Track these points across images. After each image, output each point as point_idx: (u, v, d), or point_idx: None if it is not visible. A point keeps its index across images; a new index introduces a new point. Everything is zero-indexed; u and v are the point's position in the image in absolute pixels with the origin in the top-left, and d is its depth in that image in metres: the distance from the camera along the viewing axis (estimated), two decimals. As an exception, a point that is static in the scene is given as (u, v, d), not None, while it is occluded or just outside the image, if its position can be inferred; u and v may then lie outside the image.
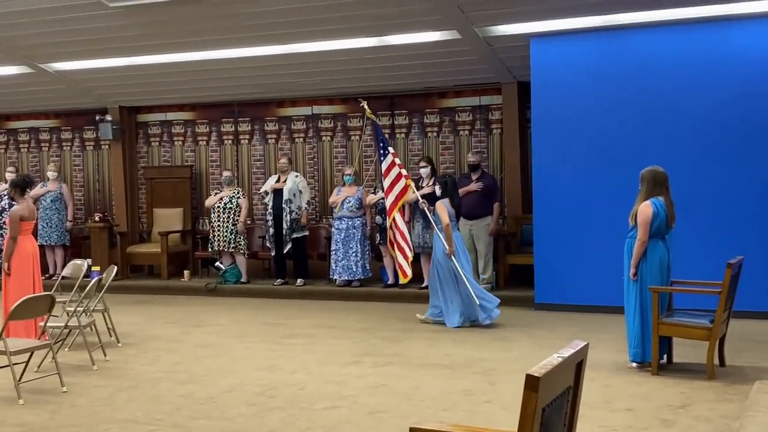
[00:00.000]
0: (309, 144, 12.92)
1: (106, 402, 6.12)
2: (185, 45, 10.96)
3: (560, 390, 2.56)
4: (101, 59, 11.65)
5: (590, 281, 9.71)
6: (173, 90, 12.78)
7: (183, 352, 8.03)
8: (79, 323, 7.51)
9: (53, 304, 6.61)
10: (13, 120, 14.69)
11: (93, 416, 5.73)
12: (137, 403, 6.07)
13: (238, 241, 12.09)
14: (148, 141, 13.92)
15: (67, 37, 10.90)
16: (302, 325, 9.40)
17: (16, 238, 8.37)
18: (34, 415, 5.81)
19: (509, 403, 5.75)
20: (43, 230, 12.85)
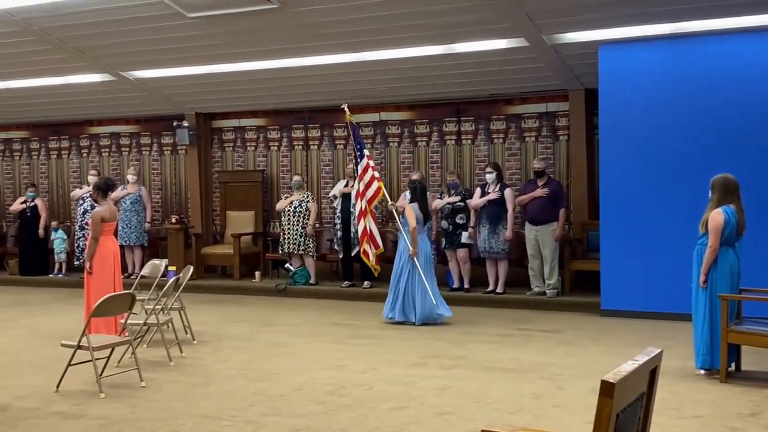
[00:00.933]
0: (376, 150, 12.96)
1: (182, 397, 6.24)
2: (260, 54, 11.11)
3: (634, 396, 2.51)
4: (179, 67, 11.89)
5: (657, 288, 9.52)
6: (247, 97, 12.97)
7: (255, 350, 8.13)
8: (158, 321, 7.66)
9: (134, 302, 6.76)
10: (95, 125, 15.08)
11: (170, 411, 5.84)
12: (212, 399, 6.17)
13: (307, 243, 12.19)
14: (222, 146, 14.15)
15: (148, 47, 11.15)
16: (369, 326, 9.43)
17: (98, 239, 8.59)
18: (114, 408, 5.94)
19: (577, 407, 5.67)
20: (123, 231, 13.15)
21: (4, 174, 15.88)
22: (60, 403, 6.14)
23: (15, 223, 15.22)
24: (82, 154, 15.23)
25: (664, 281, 9.39)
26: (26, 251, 14.26)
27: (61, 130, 15.37)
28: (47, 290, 13.29)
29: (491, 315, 10.11)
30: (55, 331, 9.27)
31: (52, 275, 14.07)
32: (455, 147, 12.47)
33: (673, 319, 9.09)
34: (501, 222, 10.86)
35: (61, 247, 14.06)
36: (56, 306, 11.56)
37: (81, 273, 12.31)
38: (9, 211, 15.10)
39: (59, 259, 14.10)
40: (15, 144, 15.85)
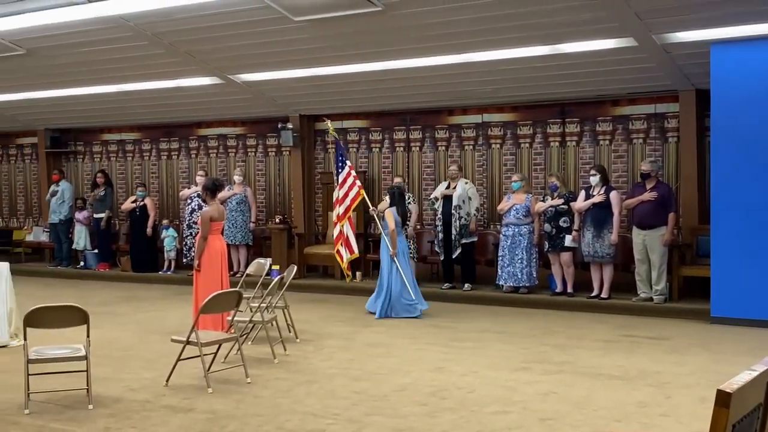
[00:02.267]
0: (478, 151, 12.92)
1: (286, 394, 6.38)
2: (363, 56, 11.23)
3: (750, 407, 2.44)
4: (284, 70, 12.14)
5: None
6: (350, 99, 13.12)
7: (356, 349, 8.22)
8: (262, 319, 7.85)
9: (240, 300, 6.95)
10: (203, 127, 15.56)
11: (275, 407, 5.98)
12: (315, 396, 6.28)
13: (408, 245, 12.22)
14: (325, 148, 14.36)
15: (254, 50, 11.44)
16: (470, 329, 9.40)
17: (207, 238, 8.86)
18: (221, 403, 6.13)
19: (686, 417, 5.51)
20: (229, 230, 13.51)
21: (118, 174, 16.55)
22: (170, 396, 6.38)
23: (126, 221, 15.85)
24: (190, 155, 15.74)
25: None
26: (136, 249, 14.82)
27: (172, 132, 15.92)
28: (156, 287, 13.79)
29: (595, 320, 9.93)
30: (164, 327, 9.61)
31: (162, 272, 14.57)
32: (559, 149, 12.30)
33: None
34: (606, 225, 10.65)
35: (170, 245, 14.55)
36: (165, 302, 11.98)
37: (189, 270, 12.74)
38: (121, 210, 15.74)
39: (168, 257, 14.60)
40: (128, 145, 16.51)
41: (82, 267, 15.51)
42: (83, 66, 12.79)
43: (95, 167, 16.68)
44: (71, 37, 11.54)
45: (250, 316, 7.92)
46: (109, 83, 13.58)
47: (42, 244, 16.97)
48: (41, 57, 12.56)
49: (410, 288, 10.31)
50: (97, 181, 15.48)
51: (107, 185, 15.49)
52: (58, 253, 15.95)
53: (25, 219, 17.97)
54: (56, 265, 15.85)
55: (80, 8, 10.43)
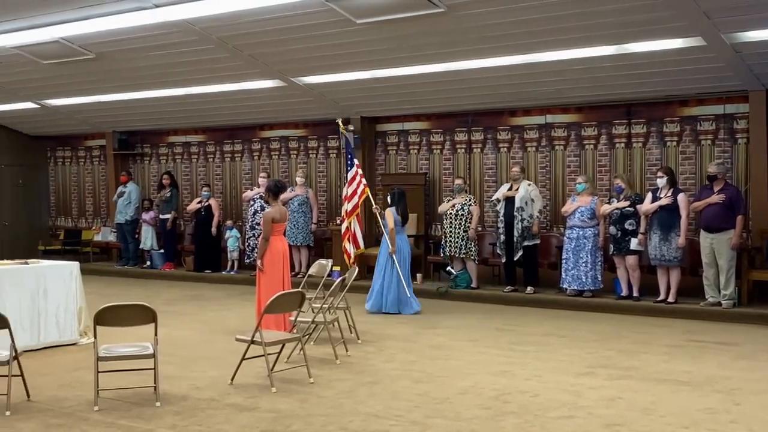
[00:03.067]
0: (541, 153, 12.79)
1: (349, 395, 6.40)
2: (425, 57, 11.22)
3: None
4: (346, 73, 12.20)
5: None
6: (411, 100, 13.12)
7: (418, 351, 8.21)
8: (325, 319, 7.89)
9: (303, 301, 7.00)
10: (266, 129, 15.73)
11: (338, 408, 6.01)
12: (377, 398, 6.29)
13: (469, 247, 12.19)
14: (385, 149, 14.39)
15: (317, 53, 11.52)
16: (533, 332, 9.31)
17: (269, 239, 8.95)
18: (285, 403, 6.18)
19: (757, 425, 5.37)
20: (291, 231, 13.62)
21: (183, 175, 16.85)
22: (234, 395, 6.46)
23: (191, 222, 16.12)
24: (253, 157, 15.92)
25: None
26: (201, 249, 15.06)
27: (235, 134, 16.13)
28: (220, 286, 13.98)
29: (662, 325, 9.74)
30: (228, 326, 9.74)
31: (225, 272, 14.78)
32: (625, 150, 12.10)
33: None
34: (673, 228, 10.44)
35: (234, 245, 14.75)
36: (229, 302, 12.14)
37: (252, 271, 12.93)
38: (186, 211, 16.01)
39: (231, 257, 14.79)
40: (193, 147, 16.78)
41: (148, 266, 15.82)
42: (150, 70, 13.05)
43: (161, 169, 17.00)
44: (138, 41, 11.79)
45: (313, 317, 7.96)
46: (175, 86, 13.84)
47: (109, 244, 17.38)
48: (110, 61, 12.85)
49: (406, 286, 10.71)
50: (163, 183, 15.78)
51: (173, 186, 15.76)
52: (125, 253, 16.30)
53: (93, 219, 18.42)
54: (123, 264, 16.20)
55: (147, 13, 10.64)
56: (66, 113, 16.48)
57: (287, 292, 7.32)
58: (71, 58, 12.69)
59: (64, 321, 8.57)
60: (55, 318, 8.50)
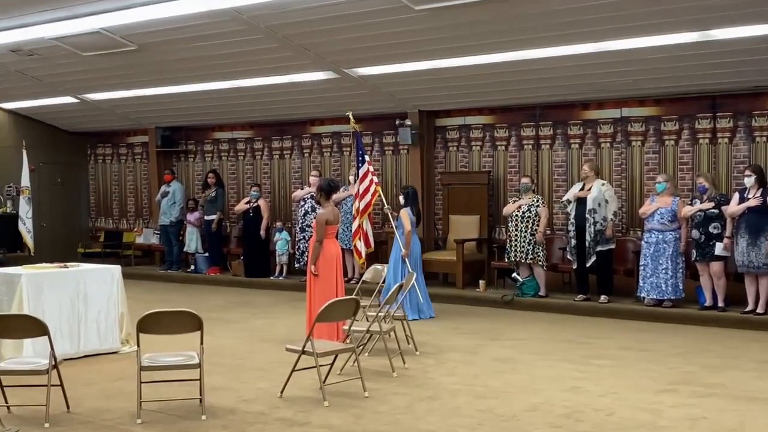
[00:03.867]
0: (616, 149, 12.62)
1: (406, 411, 6.39)
2: (488, 46, 11.16)
3: None
4: (403, 63, 12.20)
5: None
6: (473, 93, 13.06)
7: (481, 364, 8.19)
8: (380, 329, 7.90)
9: (358, 309, 7.03)
10: (317, 125, 15.82)
11: (395, 424, 6.01)
12: (437, 414, 6.28)
13: (537, 252, 12.09)
14: (446, 145, 14.36)
15: (372, 42, 11.54)
16: (608, 345, 9.20)
17: (322, 242, 9.00)
18: (338, 417, 6.21)
19: None
20: (344, 234, 13.65)
21: (229, 173, 17.04)
22: (284, 408, 6.51)
23: (238, 223, 16.29)
24: (303, 154, 16.03)
25: None
26: (248, 252, 15.19)
27: (284, 130, 16.26)
28: (268, 292, 14.09)
29: (751, 338, 9.54)
30: (277, 335, 9.83)
31: (273, 277, 14.90)
32: (709, 146, 11.88)
33: None
34: (763, 232, 10.20)
35: (283, 248, 14.86)
36: (277, 309, 12.24)
37: (302, 276, 13.00)
38: (233, 211, 16.18)
39: (281, 261, 14.91)
40: (239, 143, 16.97)
41: (192, 271, 16.05)
42: (195, 62, 13.24)
43: (206, 167, 17.23)
44: (183, 31, 11.97)
45: (368, 326, 7.98)
46: (221, 79, 14.01)
47: (152, 246, 17.66)
48: (153, 52, 13.07)
49: (419, 291, 10.75)
50: (209, 182, 15.98)
51: (218, 186, 15.96)
52: (168, 256, 16.55)
53: (135, 221, 18.74)
54: (166, 268, 16.45)
55: (192, 1, 10.80)
56: (107, 108, 16.81)
57: (340, 299, 7.35)
58: (112, 49, 12.93)
59: (105, 328, 8.73)
60: (96, 325, 8.67)
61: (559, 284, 12.71)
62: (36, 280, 8.30)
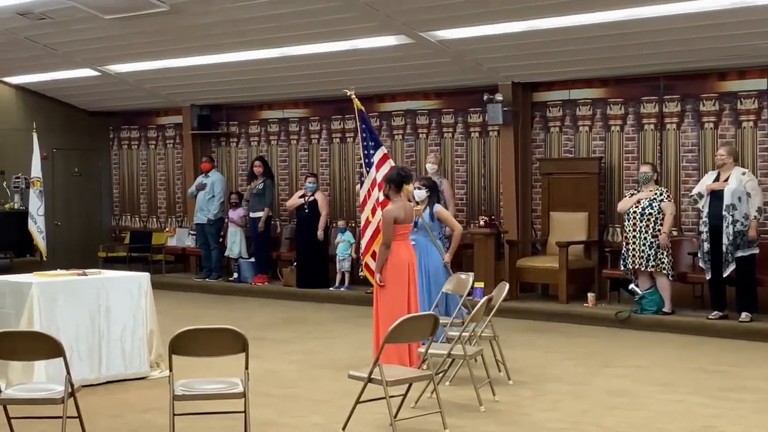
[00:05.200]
0: (762, 129, 12.40)
1: (497, 453, 6.38)
2: (600, 2, 11.06)
3: None
4: (493, 24, 12.14)
5: None
6: (579, 60, 12.95)
7: (590, 398, 8.14)
8: (464, 352, 7.88)
9: (436, 327, 7.02)
10: (386, 101, 15.84)
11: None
12: (536, 458, 6.25)
13: (660, 258, 11.95)
14: (546, 126, 14.26)
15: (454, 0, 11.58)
16: (751, 375, 9.08)
17: (390, 244, 9.02)
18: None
19: None
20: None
21: (279, 161, 17.18)
22: (347, 448, 6.56)
23: (290, 222, 16.41)
24: (369, 138, 16.06)
25: None
26: (303, 258, 15.26)
27: (346, 108, 16.21)
28: (327, 307, 14.18)
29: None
30: (336, 359, 9.90)
31: (333, 288, 14.98)
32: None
33: None
34: None
35: (345, 252, 14.88)
36: (338, 327, 12.30)
37: (368, 286, 13.03)
38: (284, 208, 16.27)
39: (342, 268, 14.95)
40: (292, 125, 17.10)
41: (235, 280, 16.23)
42: (238, 25, 13.39)
43: (252, 153, 17.41)
44: (225, -12, 12.16)
45: (449, 349, 7.97)
46: (270, 46, 14.15)
47: (186, 250, 17.90)
48: (188, 15, 13.25)
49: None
50: (255, 171, 16.09)
51: (266, 176, 16.08)
52: (206, 262, 16.75)
53: (166, 219, 19.02)
54: (203, 276, 16.66)
55: (236, -48, 10.94)
56: (133, 83, 17.10)
57: (414, 316, 7.36)
58: (140, 11, 13.13)
59: (130, 349, 8.89)
60: (120, 344, 8.83)
61: (689, 298, 12.54)
62: (49, 291, 8.48)
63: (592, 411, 7.64)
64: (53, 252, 16.82)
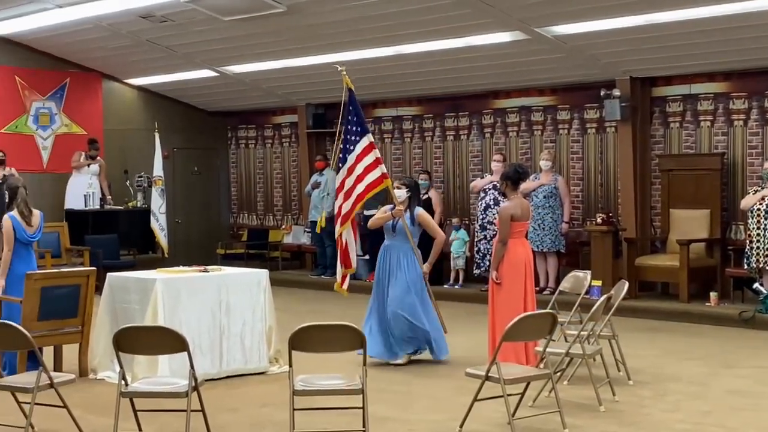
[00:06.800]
0: None
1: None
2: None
3: None
4: (611, 18, 11.99)
5: None
6: (701, 54, 12.73)
7: (712, 399, 8.03)
8: (583, 351, 7.82)
9: (554, 325, 6.97)
10: (501, 98, 15.77)
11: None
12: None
13: (786, 256, 11.68)
14: (665, 121, 14.02)
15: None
16: None
17: (507, 242, 9.02)
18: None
19: None
20: (534, 233, 13.58)
21: (393, 159, 17.25)
22: (465, 446, 6.56)
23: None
24: (484, 135, 16.03)
25: None
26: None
27: (459, 105, 16.30)
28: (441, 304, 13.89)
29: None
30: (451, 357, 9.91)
31: (447, 286, 14.99)
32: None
33: None
34: None
35: (459, 250, 14.91)
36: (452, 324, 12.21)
37: (483, 284, 13.01)
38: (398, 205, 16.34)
39: (456, 266, 14.98)
40: (405, 122, 17.16)
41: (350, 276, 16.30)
42: (353, 24, 13.52)
43: (366, 151, 17.50)
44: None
45: (567, 348, 7.92)
46: (384, 45, 14.26)
47: (302, 247, 18.14)
48: (304, 15, 13.43)
49: (424, 321, 9.65)
50: (369, 169, 16.22)
51: (380, 174, 16.17)
52: (321, 259, 16.93)
53: (282, 216, 19.28)
54: (319, 273, 16.84)
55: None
56: (250, 83, 17.40)
57: (533, 314, 7.34)
58: (257, 12, 13.37)
59: (250, 344, 9.05)
60: (240, 339, 9.00)
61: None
62: (172, 287, 8.72)
63: (715, 412, 7.52)
64: (174, 249, 17.21)
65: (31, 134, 17.43)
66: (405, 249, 9.66)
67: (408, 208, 9.73)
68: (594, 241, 13.52)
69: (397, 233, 9.64)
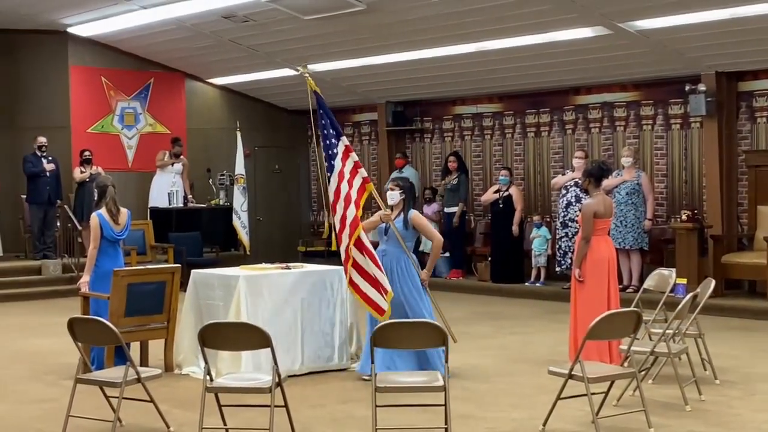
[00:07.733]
0: None
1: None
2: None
3: None
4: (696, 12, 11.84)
5: None
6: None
7: (802, 400, 7.84)
8: (669, 350, 7.72)
9: (639, 324, 6.88)
10: (582, 94, 15.63)
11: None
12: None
13: None
14: (752, 117, 13.77)
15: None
16: None
17: (590, 239, 8.95)
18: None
19: None
20: (617, 230, 13.41)
21: (473, 156, 17.20)
22: (548, 445, 6.52)
23: (485, 217, 16.41)
24: (565, 131, 15.90)
25: None
26: (498, 253, 15.30)
27: (540, 101, 16.20)
28: (522, 302, 14.14)
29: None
30: (534, 354, 9.88)
31: (528, 283, 14.92)
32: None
33: None
34: None
35: (541, 248, 14.82)
36: (534, 322, 12.24)
37: (565, 282, 12.93)
38: (479, 202, 16.30)
39: (537, 263, 14.89)
40: (485, 119, 17.09)
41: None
42: (433, 21, 13.52)
43: (446, 148, 17.49)
44: (420, -16, 12.28)
45: (652, 346, 7.82)
46: (464, 42, 14.23)
47: (382, 244, 18.15)
48: (384, 13, 13.47)
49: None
50: (449, 166, 16.21)
51: (461, 171, 16.16)
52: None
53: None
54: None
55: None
56: (330, 81, 17.43)
57: (616, 312, 7.27)
58: (338, 11, 13.45)
59: (331, 340, 9.10)
60: (322, 336, 9.05)
61: None
62: (255, 284, 8.81)
63: (807, 413, 7.40)
64: (256, 245, 17.40)
65: (116, 134, 17.84)
66: (398, 255, 8.97)
67: (402, 211, 9.15)
68: (679, 239, 13.33)
69: (390, 238, 9.07)
